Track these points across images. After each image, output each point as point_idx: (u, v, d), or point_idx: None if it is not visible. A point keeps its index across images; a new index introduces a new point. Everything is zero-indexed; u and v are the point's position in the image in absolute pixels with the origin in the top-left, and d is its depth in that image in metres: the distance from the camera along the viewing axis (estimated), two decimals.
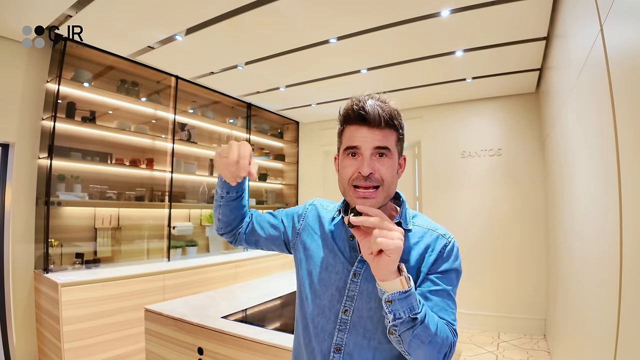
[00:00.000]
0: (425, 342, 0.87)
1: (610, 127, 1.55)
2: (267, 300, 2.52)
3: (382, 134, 1.00)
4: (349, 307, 1.04)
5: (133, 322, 3.34)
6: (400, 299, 0.86)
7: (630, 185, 1.37)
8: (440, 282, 0.99)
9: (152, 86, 4.46)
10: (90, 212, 3.85)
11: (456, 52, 3.69)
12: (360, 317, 1.02)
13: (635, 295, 1.31)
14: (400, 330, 0.87)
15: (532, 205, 4.76)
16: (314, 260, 1.14)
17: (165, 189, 4.43)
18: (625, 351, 1.39)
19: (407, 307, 0.86)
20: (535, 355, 4.03)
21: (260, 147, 6.23)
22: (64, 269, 3.48)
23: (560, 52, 2.89)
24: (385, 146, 1.01)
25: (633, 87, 1.32)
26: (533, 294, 4.72)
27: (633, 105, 1.33)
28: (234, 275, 4.51)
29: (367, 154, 0.99)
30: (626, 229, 1.40)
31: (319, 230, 1.19)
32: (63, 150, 3.60)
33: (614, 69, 1.53)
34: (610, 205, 1.58)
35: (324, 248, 1.14)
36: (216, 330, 1.87)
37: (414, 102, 5.43)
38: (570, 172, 2.71)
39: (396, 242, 0.84)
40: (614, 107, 1.52)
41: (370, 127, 0.99)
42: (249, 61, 3.96)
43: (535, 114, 4.82)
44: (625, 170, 1.43)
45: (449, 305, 0.98)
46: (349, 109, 1.03)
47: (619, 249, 1.47)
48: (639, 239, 1.29)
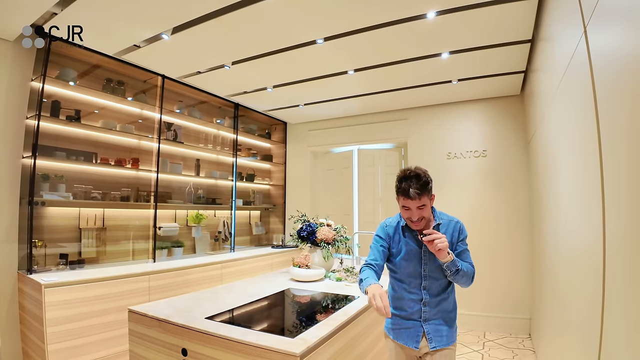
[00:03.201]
0: (462, 276, 1.90)
1: (594, 127, 1.57)
2: (252, 301, 2.51)
3: (419, 200, 1.88)
4: (425, 269, 1.99)
5: (118, 323, 3.31)
6: (449, 264, 1.86)
7: (613, 185, 1.39)
8: (463, 244, 2.04)
9: (138, 85, 4.41)
10: (74, 212, 3.80)
11: (442, 54, 3.72)
12: (431, 270, 1.99)
13: (618, 294, 1.34)
14: (452, 274, 1.90)
15: (517, 206, 4.83)
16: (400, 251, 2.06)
17: (151, 189, 4.39)
18: (610, 348, 1.42)
19: (453, 266, 1.87)
20: (520, 354, 4.08)
21: (247, 148, 6.20)
22: (48, 269, 3.43)
23: (545, 54, 2.93)
24: (422, 204, 1.90)
25: (616, 88, 1.34)
26: (518, 294, 4.78)
27: (616, 106, 1.35)
28: (220, 276, 4.48)
29: (414, 210, 1.91)
30: (609, 228, 1.43)
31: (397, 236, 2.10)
32: (47, 149, 3.54)
33: (597, 71, 1.55)
34: (593, 205, 1.61)
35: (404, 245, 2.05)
36: (200, 331, 1.85)
37: (400, 104, 5.46)
38: (554, 172, 2.75)
39: (445, 244, 1.81)
40: (597, 108, 1.54)
41: (412, 200, 1.88)
42: (235, 61, 3.95)
43: (520, 116, 4.89)
44: (607, 171, 1.45)
45: (468, 255, 2.04)
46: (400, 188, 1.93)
47: (602, 248, 1.49)
48: (621, 238, 1.31)
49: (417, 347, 1.98)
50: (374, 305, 1.65)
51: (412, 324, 2.01)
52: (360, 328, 2.33)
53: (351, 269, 3.38)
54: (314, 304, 2.60)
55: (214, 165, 5.53)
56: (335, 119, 6.28)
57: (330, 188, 6.49)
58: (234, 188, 5.65)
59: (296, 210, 4.05)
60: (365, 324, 2.42)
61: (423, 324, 1.99)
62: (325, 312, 2.27)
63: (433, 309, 1.99)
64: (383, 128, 5.85)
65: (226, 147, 5.66)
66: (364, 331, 2.38)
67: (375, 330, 2.63)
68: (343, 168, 6.31)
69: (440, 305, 2.00)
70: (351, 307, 2.32)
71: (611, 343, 1.40)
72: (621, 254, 1.32)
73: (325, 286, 2.99)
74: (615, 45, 1.34)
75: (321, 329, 1.88)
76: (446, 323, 2.01)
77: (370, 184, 6.02)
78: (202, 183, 5.32)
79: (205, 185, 5.37)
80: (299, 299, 2.74)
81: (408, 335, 2.01)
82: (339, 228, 3.55)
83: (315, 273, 3.15)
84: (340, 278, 3.19)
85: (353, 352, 2.19)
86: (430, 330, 1.98)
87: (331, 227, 3.50)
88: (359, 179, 6.12)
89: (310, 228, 3.42)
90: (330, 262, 3.40)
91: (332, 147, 6.46)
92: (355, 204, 6.12)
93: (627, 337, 1.24)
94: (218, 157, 5.59)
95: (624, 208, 1.28)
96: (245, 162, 6.11)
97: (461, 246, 2.02)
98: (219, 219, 5.49)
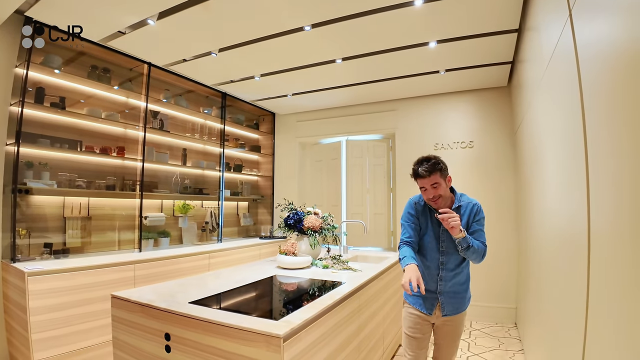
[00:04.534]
0: (473, 252, 2.13)
1: (579, 115, 1.58)
2: (238, 287, 2.50)
3: (430, 178, 2.13)
4: (443, 245, 2.26)
5: (103, 313, 3.27)
6: (461, 240, 2.10)
7: (598, 173, 1.40)
8: (477, 225, 2.24)
9: (124, 73, 4.35)
10: (59, 200, 3.74)
11: (430, 43, 3.72)
12: (447, 247, 2.25)
13: (602, 280, 1.35)
14: (463, 250, 2.14)
15: (503, 196, 4.87)
16: (424, 228, 2.32)
17: (137, 178, 4.34)
18: (595, 336, 1.43)
19: (465, 243, 2.10)
20: (506, 342, 4.14)
21: (235, 138, 6.16)
22: (32, 259, 3.38)
23: (532, 45, 2.94)
24: (435, 182, 2.14)
25: (601, 75, 1.34)
26: (504, 284, 4.83)
27: (601, 94, 1.35)
28: (207, 266, 4.46)
29: (429, 188, 2.16)
30: (594, 216, 1.44)
31: (421, 215, 2.33)
32: (31, 136, 3.48)
33: (582, 57, 1.56)
34: (579, 195, 1.62)
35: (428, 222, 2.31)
36: (184, 315, 1.83)
37: (389, 94, 5.47)
38: (540, 163, 2.77)
39: (458, 222, 2.04)
40: (582, 95, 1.54)
41: (423, 178, 2.14)
42: (222, 48, 3.90)
43: (506, 107, 4.92)
44: (593, 159, 1.45)
45: (481, 235, 2.23)
46: (413, 172, 2.20)
47: (586, 237, 1.50)
48: (606, 228, 1.32)
49: (430, 313, 2.29)
50: (405, 288, 1.92)
51: (428, 294, 2.28)
52: (347, 312, 2.33)
53: (338, 257, 3.39)
54: (300, 290, 2.60)
55: (201, 155, 5.48)
56: (324, 110, 6.26)
57: (319, 179, 6.49)
58: (222, 178, 5.61)
59: (283, 198, 4.03)
60: (352, 308, 2.42)
61: (438, 295, 2.27)
62: (311, 297, 2.27)
63: (448, 283, 2.26)
64: (371, 119, 5.85)
65: (213, 137, 5.61)
66: (350, 316, 2.38)
67: (363, 315, 2.64)
68: (331, 159, 6.30)
69: (454, 279, 2.27)
70: (337, 292, 2.32)
71: (596, 330, 1.42)
72: (605, 241, 1.33)
73: (311, 273, 2.99)
74: (601, 31, 1.35)
75: (306, 312, 1.87)
76: (459, 294, 2.30)
77: (359, 175, 6.03)
78: (189, 173, 5.27)
79: (192, 175, 5.32)
80: (285, 285, 2.73)
81: (424, 304, 2.30)
82: (326, 216, 3.54)
83: (302, 260, 3.15)
84: (327, 265, 3.19)
85: (339, 336, 2.20)
86: (444, 301, 2.27)
87: (318, 215, 3.49)
88: (347, 170, 6.12)
89: (297, 216, 3.41)
90: (317, 250, 3.40)
91: (320, 138, 6.45)
92: (343, 195, 6.12)
93: (611, 324, 1.25)
94: (205, 147, 5.54)
95: (609, 195, 1.29)
96: (233, 152, 6.07)
97: (475, 226, 2.22)
98: (207, 209, 5.45)
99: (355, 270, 3.09)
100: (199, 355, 1.77)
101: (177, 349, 1.86)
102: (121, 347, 2.13)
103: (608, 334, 1.28)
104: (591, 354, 1.45)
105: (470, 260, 2.24)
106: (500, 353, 3.83)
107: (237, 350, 1.65)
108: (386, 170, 5.89)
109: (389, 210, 5.83)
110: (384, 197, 5.88)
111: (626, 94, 1.12)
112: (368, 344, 2.77)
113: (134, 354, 2.05)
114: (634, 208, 1.08)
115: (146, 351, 1.99)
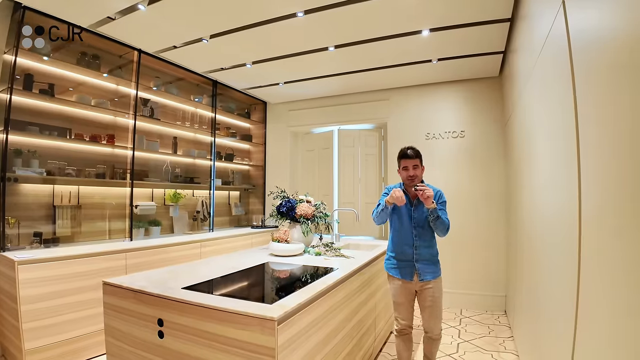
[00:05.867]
0: (441, 223, 2.62)
1: (570, 104, 1.58)
2: (230, 273, 2.49)
3: (414, 160, 2.71)
4: (414, 220, 2.74)
5: (94, 302, 3.25)
6: (433, 210, 2.59)
7: (589, 164, 1.40)
8: (441, 206, 2.71)
9: (114, 60, 4.28)
10: (48, 189, 3.70)
11: (422, 32, 3.71)
12: (418, 221, 2.73)
13: (594, 269, 1.36)
14: (433, 220, 2.62)
15: (494, 186, 4.91)
16: (399, 208, 2.78)
17: (127, 167, 4.30)
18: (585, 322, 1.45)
19: (435, 213, 2.59)
20: (496, 329, 4.20)
21: (226, 127, 6.11)
22: (22, 248, 3.35)
23: (524, 34, 2.94)
24: (416, 164, 2.72)
25: (595, 63, 1.34)
26: (494, 272, 4.89)
27: (593, 80, 1.35)
28: (199, 255, 4.45)
29: (410, 168, 2.71)
30: (585, 206, 1.45)
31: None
32: (20, 123, 3.43)
33: (575, 45, 1.55)
34: (570, 183, 1.63)
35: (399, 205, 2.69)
36: (177, 300, 1.83)
37: (381, 84, 5.46)
38: (530, 152, 2.79)
39: (432, 193, 2.53)
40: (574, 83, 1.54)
41: (409, 159, 2.71)
42: (214, 34, 3.85)
43: (498, 97, 4.94)
44: (584, 149, 1.46)
45: (445, 213, 2.70)
46: (401, 153, 2.75)
47: (577, 226, 1.51)
48: (596, 216, 1.33)
49: (411, 279, 2.75)
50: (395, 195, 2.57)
51: (407, 264, 2.77)
52: (339, 297, 2.34)
53: (330, 245, 3.39)
54: (293, 276, 2.61)
55: (191, 144, 5.44)
56: (316, 99, 6.24)
57: (311, 169, 6.48)
58: (213, 167, 5.58)
59: (275, 186, 4.03)
60: (344, 294, 2.44)
61: (415, 263, 2.74)
62: (304, 282, 2.27)
63: (422, 252, 2.74)
64: (363, 108, 5.84)
65: (204, 125, 5.57)
66: (342, 301, 2.40)
67: (355, 301, 2.66)
68: (323, 149, 6.29)
69: (426, 250, 2.75)
70: (330, 277, 2.33)
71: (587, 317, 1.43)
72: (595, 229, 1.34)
73: (304, 260, 3.00)
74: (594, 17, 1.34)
75: (300, 296, 1.88)
76: (432, 263, 2.77)
77: (350, 165, 6.03)
78: (180, 162, 5.23)
79: (183, 164, 5.29)
80: (278, 271, 2.74)
81: (404, 272, 2.77)
82: (319, 204, 3.54)
83: (294, 248, 3.16)
84: (319, 252, 3.20)
85: (332, 321, 2.21)
86: (420, 268, 2.74)
87: (311, 203, 3.49)
88: (339, 160, 6.12)
89: (289, 204, 3.41)
90: (309, 237, 3.40)
91: (312, 128, 6.43)
92: (335, 184, 6.13)
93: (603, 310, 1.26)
94: (196, 136, 5.50)
95: (600, 184, 1.30)
96: (224, 141, 6.03)
97: (440, 206, 2.71)
98: (198, 198, 5.43)
99: (348, 257, 3.11)
100: (193, 340, 1.77)
101: (170, 335, 1.86)
102: (113, 334, 2.12)
103: (598, 322, 1.30)
104: (582, 340, 1.47)
105: (437, 233, 2.73)
106: (490, 340, 3.89)
107: (231, 334, 1.66)
108: (378, 160, 5.90)
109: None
110: (376, 186, 5.90)
111: (621, 81, 1.12)
112: (360, 329, 2.79)
113: (127, 340, 2.05)
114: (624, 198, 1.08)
115: (139, 337, 1.99)
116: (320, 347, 2.03)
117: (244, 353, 1.63)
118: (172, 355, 1.84)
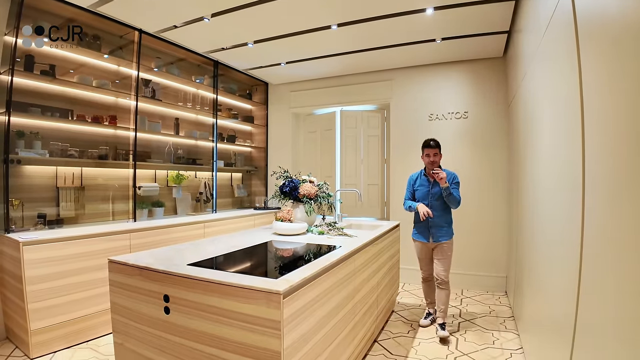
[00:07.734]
0: (453, 199, 3.46)
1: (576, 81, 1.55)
2: (234, 250, 2.51)
3: (436, 149, 3.52)
4: (431, 195, 3.59)
5: (99, 281, 3.30)
6: (446, 188, 3.43)
7: (594, 143, 1.39)
8: (455, 185, 3.53)
9: (114, 41, 4.24)
10: (52, 170, 3.70)
11: (427, 10, 3.66)
12: (433, 196, 3.58)
13: (596, 249, 1.36)
14: (447, 195, 3.45)
15: (496, 167, 4.90)
16: (419, 187, 3.68)
17: (130, 148, 4.30)
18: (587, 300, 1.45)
19: (448, 190, 3.44)
20: (497, 309, 4.24)
21: (228, 108, 6.08)
22: (26, 229, 3.37)
23: (529, 13, 2.90)
24: (436, 152, 3.52)
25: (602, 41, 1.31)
26: (495, 253, 4.91)
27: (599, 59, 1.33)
28: (203, 235, 4.48)
29: (432, 155, 3.52)
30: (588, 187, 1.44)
31: (418, 180, 3.70)
32: (22, 105, 3.42)
33: (581, 22, 1.53)
34: (574, 163, 1.61)
35: (422, 182, 3.66)
36: (182, 275, 1.85)
37: (384, 64, 5.40)
38: (533, 134, 2.77)
39: (444, 175, 3.38)
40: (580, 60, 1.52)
41: (431, 148, 3.52)
42: (215, 12, 3.80)
43: (502, 78, 4.90)
44: (589, 126, 1.44)
45: (457, 191, 3.52)
46: (425, 143, 3.59)
47: (580, 207, 1.50)
48: (600, 198, 1.32)
49: (427, 240, 3.62)
50: (423, 212, 3.43)
51: (423, 228, 3.64)
52: (343, 274, 2.36)
53: (333, 224, 3.41)
54: (297, 253, 2.64)
55: (193, 125, 5.42)
56: (318, 80, 6.18)
57: (313, 150, 6.46)
58: (215, 149, 5.57)
59: (278, 166, 4.02)
60: (347, 271, 2.45)
61: (430, 229, 3.59)
62: (308, 259, 2.29)
63: (435, 220, 3.54)
64: (366, 89, 5.79)
65: (206, 106, 5.54)
66: (345, 278, 2.42)
67: (358, 279, 2.68)
68: (326, 130, 6.26)
69: (440, 218, 3.55)
70: (333, 254, 2.35)
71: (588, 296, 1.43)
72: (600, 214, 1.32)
73: (307, 239, 3.02)
74: None
75: (304, 272, 1.89)
76: (442, 228, 3.56)
77: (353, 146, 6.01)
78: (182, 143, 5.22)
79: (185, 146, 5.28)
80: (282, 249, 2.76)
81: (422, 235, 3.66)
82: (322, 184, 3.55)
83: (297, 227, 3.17)
84: (322, 231, 3.22)
85: (336, 297, 2.23)
86: (433, 232, 3.58)
87: (314, 183, 3.50)
88: (341, 141, 6.10)
89: (292, 184, 3.41)
90: (312, 217, 3.41)
91: (314, 109, 6.39)
92: (337, 165, 6.12)
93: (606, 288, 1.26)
94: (197, 117, 5.48)
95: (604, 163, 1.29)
96: (225, 123, 6.01)
97: (454, 186, 3.50)
98: (200, 180, 5.43)
99: (351, 236, 3.12)
100: (199, 315, 1.79)
101: (177, 310, 1.88)
102: (120, 311, 2.15)
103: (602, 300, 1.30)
104: (584, 319, 1.48)
105: (450, 206, 3.53)
106: (492, 319, 3.93)
107: (236, 309, 1.68)
108: (380, 141, 5.87)
109: (383, 181, 5.85)
110: (378, 167, 5.89)
111: (627, 59, 1.10)
112: (362, 307, 2.82)
113: (133, 317, 2.07)
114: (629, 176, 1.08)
115: (145, 314, 2.01)
116: (324, 322, 2.05)
117: (249, 327, 1.65)
118: (178, 330, 1.87)
